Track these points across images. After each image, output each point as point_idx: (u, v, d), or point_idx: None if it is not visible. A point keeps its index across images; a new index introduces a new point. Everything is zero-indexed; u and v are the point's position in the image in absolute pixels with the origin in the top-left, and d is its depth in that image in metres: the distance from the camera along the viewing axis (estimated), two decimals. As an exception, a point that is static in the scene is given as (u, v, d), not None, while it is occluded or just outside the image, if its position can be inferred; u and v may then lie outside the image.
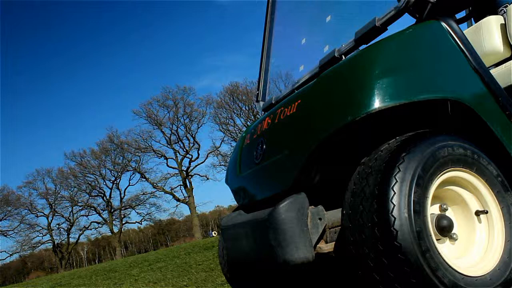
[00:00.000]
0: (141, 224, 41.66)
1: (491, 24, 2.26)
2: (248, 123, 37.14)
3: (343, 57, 1.97)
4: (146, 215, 38.95)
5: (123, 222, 39.48)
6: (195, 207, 37.36)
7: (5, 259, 42.17)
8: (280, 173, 1.73)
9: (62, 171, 38.18)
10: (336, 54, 1.98)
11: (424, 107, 1.59)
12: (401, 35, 1.61)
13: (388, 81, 1.46)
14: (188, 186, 37.16)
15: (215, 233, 24.19)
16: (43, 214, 38.59)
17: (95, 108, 72.53)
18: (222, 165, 37.39)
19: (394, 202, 1.28)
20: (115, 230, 38.89)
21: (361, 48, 1.95)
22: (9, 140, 63.90)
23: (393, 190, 1.29)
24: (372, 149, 1.52)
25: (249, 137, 2.17)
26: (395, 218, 1.26)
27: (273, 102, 2.50)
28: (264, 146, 1.90)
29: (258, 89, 2.81)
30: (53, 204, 38.27)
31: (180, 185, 37.28)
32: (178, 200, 37.36)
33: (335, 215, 1.71)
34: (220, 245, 2.44)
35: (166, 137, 37.13)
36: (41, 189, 38.20)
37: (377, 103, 1.42)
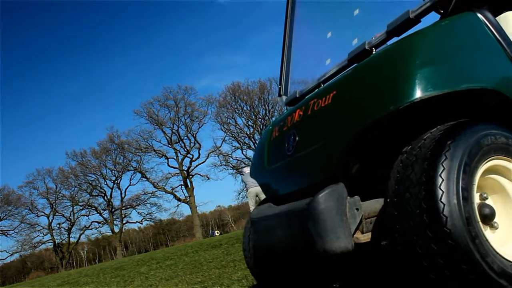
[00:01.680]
0: (141, 224, 41.71)
1: (510, 20, 2.27)
2: (250, 122, 37.16)
3: (374, 50, 1.97)
4: (146, 214, 38.97)
5: (124, 222, 39.50)
6: (196, 207, 37.37)
7: (5, 258, 42.14)
8: (317, 164, 1.74)
9: (62, 171, 38.21)
10: (366, 47, 1.99)
11: (459, 97, 1.59)
12: (438, 26, 1.62)
13: (431, 70, 1.46)
14: (189, 185, 37.16)
15: (217, 233, 24.17)
16: (43, 214, 38.61)
17: (96, 108, 72.56)
18: (223, 164, 37.41)
19: (442, 189, 1.28)
20: (116, 229, 38.88)
21: (392, 40, 1.97)
22: (10, 139, 63.84)
23: (441, 177, 1.30)
24: (412, 138, 1.52)
25: (278, 130, 2.18)
26: (444, 205, 1.27)
27: (297, 96, 2.50)
28: (297, 138, 1.90)
29: (280, 84, 2.82)
30: (54, 204, 38.30)
31: (181, 185, 37.30)
32: (179, 200, 37.35)
33: (370, 205, 1.72)
34: (245, 239, 2.44)
35: (167, 137, 37.15)
36: (42, 188, 38.22)
37: (420, 92, 1.43)
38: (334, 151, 1.65)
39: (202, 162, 38.15)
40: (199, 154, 37.67)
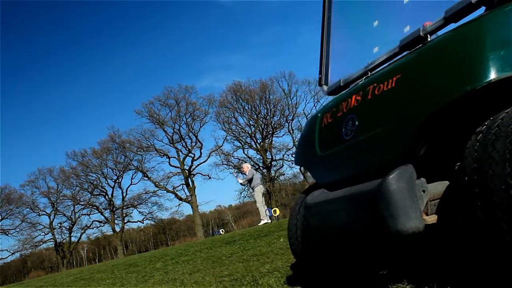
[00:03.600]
0: (142, 223, 41.72)
1: None
2: (251, 122, 37.16)
3: (429, 36, 1.99)
4: (148, 214, 39.04)
5: (125, 221, 39.48)
6: (197, 206, 37.40)
7: (6, 258, 42.04)
8: (384, 146, 1.75)
9: (63, 170, 38.17)
10: (421, 33, 2.00)
11: None
12: (506, 9, 1.63)
13: (507, 51, 1.48)
14: (190, 185, 37.17)
15: (222, 231, 24.17)
16: (45, 213, 38.59)
17: (97, 107, 72.53)
18: (225, 164, 37.44)
19: (528, 165, 1.30)
20: (117, 229, 38.85)
21: (448, 27, 1.99)
22: (11, 139, 63.75)
23: (526, 154, 1.31)
24: (484, 119, 1.54)
25: (330, 116, 2.19)
26: (531, 180, 1.28)
27: (341, 84, 2.52)
28: (357, 122, 1.92)
29: (320, 74, 2.83)
30: (55, 203, 38.27)
31: (183, 184, 37.33)
32: (180, 199, 37.38)
33: (435, 187, 1.74)
34: (292, 227, 2.45)
35: (168, 136, 37.20)
36: (43, 188, 38.20)
37: (498, 72, 1.44)
38: (403, 133, 1.67)
39: (204, 162, 38.25)
40: (201, 153, 37.75)
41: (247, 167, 12.22)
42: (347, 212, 1.80)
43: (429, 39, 1.98)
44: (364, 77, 2.30)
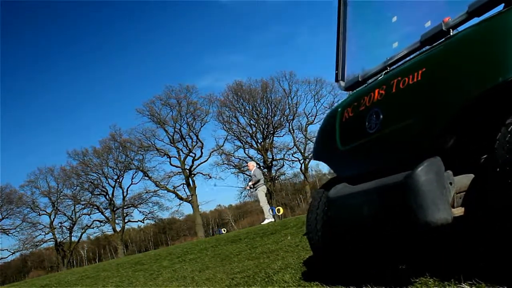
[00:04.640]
0: (143, 222, 41.68)
1: None
2: (252, 121, 37.16)
3: (451, 31, 2.00)
4: (148, 213, 38.96)
5: (126, 221, 39.44)
6: (198, 206, 37.38)
7: (7, 257, 41.96)
8: (411, 139, 1.76)
9: (64, 170, 38.12)
10: (443, 28, 2.01)
11: None
12: None
13: None
14: (191, 184, 37.15)
15: (224, 230, 24.19)
16: (45, 213, 38.53)
17: (98, 107, 72.54)
18: (225, 163, 37.43)
19: None
20: (118, 228, 38.82)
21: (472, 21, 2.00)
22: (11, 138, 63.73)
23: (560, 144, 1.32)
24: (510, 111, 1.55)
25: (351, 110, 2.20)
26: None
27: (359, 80, 2.53)
28: (381, 116, 1.93)
29: (336, 69, 2.83)
30: (56, 203, 38.21)
31: (183, 183, 37.29)
32: (181, 198, 37.35)
33: (460, 180, 1.75)
34: (311, 221, 2.46)
35: (169, 136, 37.15)
36: (44, 187, 38.15)
37: None
38: (432, 126, 1.67)
39: (204, 161, 38.20)
40: (202, 153, 37.70)
41: (252, 165, 12.25)
42: (373, 205, 1.81)
43: (451, 33, 1.99)
44: (384, 72, 2.31)
